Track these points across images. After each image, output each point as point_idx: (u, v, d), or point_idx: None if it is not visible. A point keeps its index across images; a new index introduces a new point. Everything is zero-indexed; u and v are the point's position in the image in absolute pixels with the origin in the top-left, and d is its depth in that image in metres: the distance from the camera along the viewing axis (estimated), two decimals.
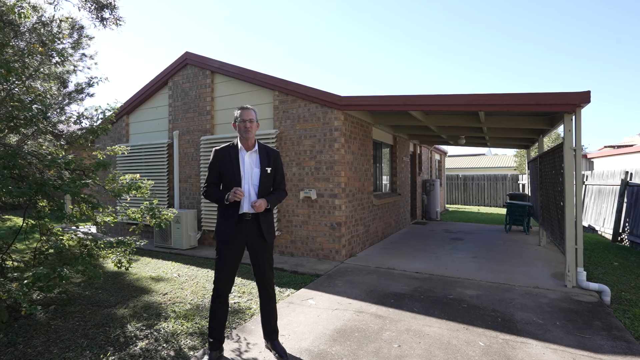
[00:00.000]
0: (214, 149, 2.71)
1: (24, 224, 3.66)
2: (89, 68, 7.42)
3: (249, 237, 2.64)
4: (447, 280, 4.66)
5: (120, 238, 3.66)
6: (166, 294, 4.14)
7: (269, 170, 2.68)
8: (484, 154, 31.89)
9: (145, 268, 5.34)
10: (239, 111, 2.65)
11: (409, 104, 5.34)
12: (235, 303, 3.81)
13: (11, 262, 3.71)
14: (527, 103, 4.62)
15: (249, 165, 2.65)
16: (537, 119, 6.16)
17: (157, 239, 6.84)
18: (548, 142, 16.75)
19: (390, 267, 5.26)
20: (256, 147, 2.69)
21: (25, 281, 2.88)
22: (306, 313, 3.56)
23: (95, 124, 4.12)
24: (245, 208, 2.59)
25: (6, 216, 4.39)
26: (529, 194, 9.54)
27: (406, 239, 7.83)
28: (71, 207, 3.61)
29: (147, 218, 3.79)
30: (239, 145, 2.67)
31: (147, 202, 3.79)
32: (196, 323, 3.32)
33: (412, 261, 5.67)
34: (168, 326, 3.25)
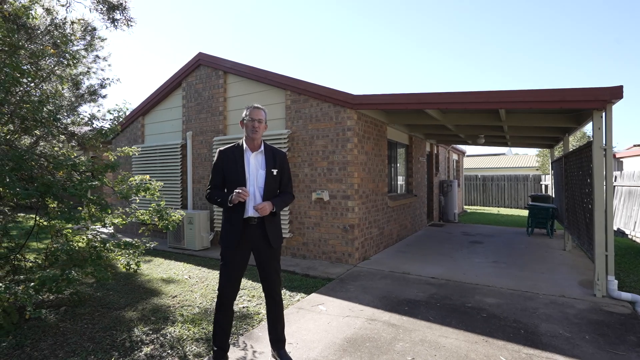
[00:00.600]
0: (218, 149, 2.62)
1: (35, 225, 3.68)
2: (102, 70, 7.54)
3: (255, 243, 2.53)
4: (465, 286, 4.44)
5: (128, 240, 3.62)
6: (175, 296, 4.10)
7: (275, 172, 2.56)
8: (504, 154, 30.94)
9: (157, 269, 5.34)
10: (249, 110, 2.54)
11: (425, 102, 5.14)
12: (243, 307, 3.72)
13: (24, 262, 3.74)
14: (552, 100, 4.35)
15: (255, 166, 2.54)
16: (562, 116, 5.83)
17: (170, 239, 6.86)
18: (573, 141, 16.06)
19: (404, 272, 5.07)
20: (262, 147, 2.58)
21: (32, 284, 2.86)
22: (316, 320, 3.43)
23: (108, 125, 4.11)
24: (250, 212, 2.48)
25: (23, 214, 4.45)
26: (553, 196, 9.12)
27: (422, 241, 7.59)
28: (80, 208, 3.60)
29: (156, 220, 3.74)
30: (245, 145, 2.56)
31: (155, 204, 3.74)
32: (203, 328, 3.24)
33: (428, 265, 5.46)
34: (175, 331, 3.18)
